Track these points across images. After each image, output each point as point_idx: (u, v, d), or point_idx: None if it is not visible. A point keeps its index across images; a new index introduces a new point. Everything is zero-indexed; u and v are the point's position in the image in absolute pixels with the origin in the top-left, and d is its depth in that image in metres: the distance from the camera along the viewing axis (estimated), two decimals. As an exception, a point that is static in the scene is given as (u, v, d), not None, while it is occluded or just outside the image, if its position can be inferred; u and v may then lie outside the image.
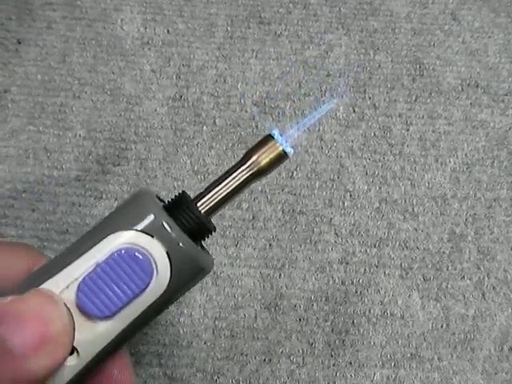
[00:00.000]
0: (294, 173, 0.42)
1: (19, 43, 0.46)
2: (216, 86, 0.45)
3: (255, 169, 0.25)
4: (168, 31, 0.47)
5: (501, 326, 0.40)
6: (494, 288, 0.41)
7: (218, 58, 0.46)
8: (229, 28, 0.47)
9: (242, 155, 0.42)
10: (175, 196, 0.25)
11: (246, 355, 0.38)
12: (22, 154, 0.42)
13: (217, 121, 0.44)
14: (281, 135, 0.25)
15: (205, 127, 0.44)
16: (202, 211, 0.25)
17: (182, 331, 0.38)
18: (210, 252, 0.40)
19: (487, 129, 0.45)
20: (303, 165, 0.43)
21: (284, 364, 0.38)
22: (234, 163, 0.26)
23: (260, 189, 0.42)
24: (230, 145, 0.43)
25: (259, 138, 0.26)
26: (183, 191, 0.25)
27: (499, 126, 0.45)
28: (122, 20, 0.47)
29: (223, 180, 0.25)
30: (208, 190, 0.25)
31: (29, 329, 0.21)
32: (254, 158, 0.25)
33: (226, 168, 0.42)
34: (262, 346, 0.38)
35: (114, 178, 0.42)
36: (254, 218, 0.41)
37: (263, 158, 0.25)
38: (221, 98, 0.45)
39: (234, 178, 0.25)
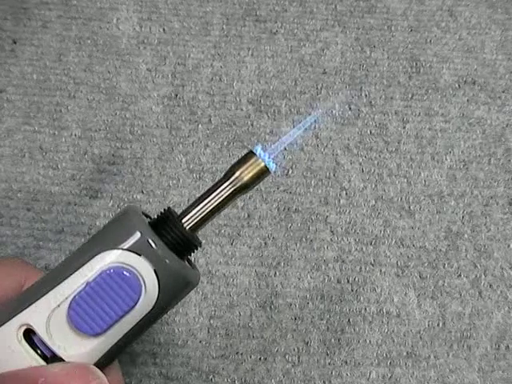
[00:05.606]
0: (290, 171, 0.42)
1: (15, 43, 0.46)
2: (211, 85, 0.45)
3: (238, 184, 0.25)
4: (164, 30, 0.47)
5: (497, 324, 0.39)
6: (490, 286, 0.40)
7: (214, 56, 0.46)
8: (224, 26, 0.47)
9: (237, 153, 0.43)
10: (161, 212, 0.26)
11: (242, 354, 0.38)
12: (18, 154, 0.42)
13: (212, 119, 0.44)
14: (263, 151, 0.25)
15: (200, 126, 0.43)
16: (187, 227, 0.25)
17: (177, 330, 0.38)
18: (206, 250, 0.40)
19: (484, 126, 0.45)
20: (299, 163, 0.43)
21: (279, 363, 0.38)
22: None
23: (255, 187, 0.42)
24: (226, 143, 0.43)
25: (244, 152, 0.26)
26: (169, 207, 0.26)
27: (496, 123, 0.45)
28: (117, 19, 0.47)
29: (207, 196, 0.25)
30: (193, 206, 0.25)
31: None
32: (236, 173, 0.25)
33: (221, 166, 0.42)
34: (258, 345, 0.38)
35: (110, 177, 0.42)
36: (249, 216, 0.41)
37: (246, 173, 0.25)
38: (216, 97, 0.44)
39: (217, 194, 0.25)
